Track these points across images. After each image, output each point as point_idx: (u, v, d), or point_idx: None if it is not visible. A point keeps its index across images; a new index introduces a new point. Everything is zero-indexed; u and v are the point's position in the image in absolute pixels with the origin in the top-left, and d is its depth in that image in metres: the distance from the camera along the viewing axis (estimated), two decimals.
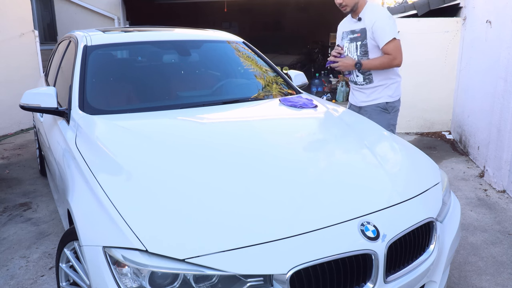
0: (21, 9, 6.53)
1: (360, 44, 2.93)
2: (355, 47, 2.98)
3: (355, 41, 2.98)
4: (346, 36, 3.06)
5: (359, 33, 2.94)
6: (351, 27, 3.01)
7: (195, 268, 1.42)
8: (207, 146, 2.09)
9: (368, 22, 2.88)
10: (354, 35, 2.98)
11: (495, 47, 4.20)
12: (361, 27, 2.92)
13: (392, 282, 1.65)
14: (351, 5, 2.89)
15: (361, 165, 2.08)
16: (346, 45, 3.06)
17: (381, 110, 3.03)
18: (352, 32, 3.00)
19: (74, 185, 1.93)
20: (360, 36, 2.94)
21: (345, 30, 3.09)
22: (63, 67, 3.31)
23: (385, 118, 3.04)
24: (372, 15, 2.87)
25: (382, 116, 3.03)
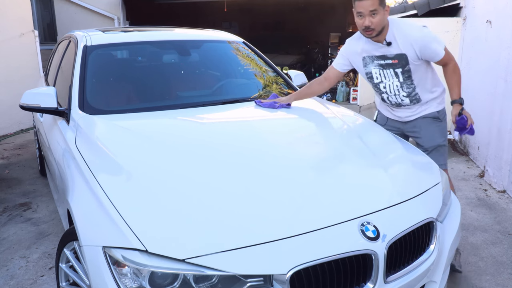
0: (21, 9, 6.53)
1: (402, 71, 2.52)
2: (393, 73, 2.55)
3: (392, 67, 2.54)
4: (371, 61, 2.60)
5: (395, 59, 2.51)
6: (378, 51, 2.54)
7: (195, 268, 1.42)
8: (207, 146, 2.09)
9: (404, 46, 2.45)
10: (387, 62, 2.54)
11: (495, 47, 4.20)
12: (396, 53, 2.49)
13: (392, 282, 1.65)
14: (379, 29, 2.42)
15: (361, 165, 2.08)
16: (376, 71, 2.60)
17: (433, 120, 2.68)
18: (382, 58, 2.55)
19: (74, 185, 1.93)
20: (398, 63, 2.51)
21: (367, 55, 2.60)
22: (63, 67, 3.31)
23: (440, 128, 2.71)
24: (407, 38, 2.44)
25: (436, 126, 2.69)
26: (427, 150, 2.66)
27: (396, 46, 2.47)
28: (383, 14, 2.39)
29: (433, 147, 2.67)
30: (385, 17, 2.42)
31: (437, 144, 2.68)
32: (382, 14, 2.38)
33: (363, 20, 2.41)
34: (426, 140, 2.70)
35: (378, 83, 2.64)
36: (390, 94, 2.65)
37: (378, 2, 2.36)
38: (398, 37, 2.46)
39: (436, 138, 2.69)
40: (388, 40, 2.48)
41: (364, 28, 2.43)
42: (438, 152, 2.66)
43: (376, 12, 2.36)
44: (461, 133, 2.54)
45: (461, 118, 2.47)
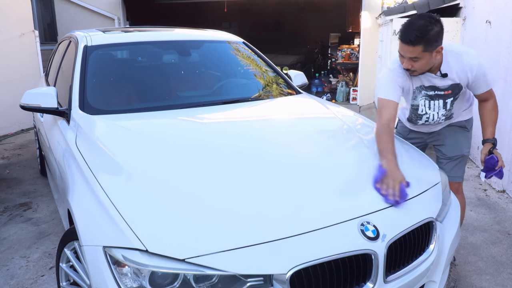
0: (21, 9, 6.54)
1: (452, 100, 2.32)
2: (442, 104, 2.34)
3: (442, 98, 2.32)
4: (419, 92, 2.34)
5: (448, 90, 2.29)
6: (429, 82, 2.29)
7: (195, 268, 1.42)
8: (207, 146, 2.09)
9: (459, 76, 2.23)
10: (439, 93, 2.30)
11: (495, 47, 4.20)
12: (451, 83, 2.26)
13: (392, 282, 1.65)
14: (422, 71, 2.20)
15: (361, 165, 2.08)
16: (422, 103, 2.36)
17: (459, 128, 2.53)
18: (432, 89, 2.30)
19: (74, 185, 1.93)
20: (451, 94, 2.30)
21: (417, 86, 2.33)
22: (63, 67, 3.31)
23: (466, 137, 2.54)
24: (463, 66, 2.21)
25: (462, 135, 2.53)
26: (450, 159, 2.51)
27: (452, 76, 2.24)
28: (429, 58, 2.12)
29: (458, 157, 2.51)
30: (432, 60, 2.14)
31: (462, 154, 2.52)
32: (427, 59, 2.11)
33: (402, 60, 2.19)
34: (451, 148, 2.51)
35: (422, 114, 2.42)
36: (431, 120, 2.44)
37: (421, 49, 2.06)
38: (453, 67, 2.22)
39: (462, 148, 2.52)
40: (443, 72, 2.22)
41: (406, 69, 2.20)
42: (460, 163, 2.51)
43: (417, 59, 2.11)
44: (488, 175, 2.33)
45: (491, 157, 2.30)
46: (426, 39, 2.04)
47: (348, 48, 9.46)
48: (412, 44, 2.05)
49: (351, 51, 9.38)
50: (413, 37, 2.04)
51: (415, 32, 2.04)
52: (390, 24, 6.17)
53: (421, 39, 2.04)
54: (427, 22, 2.05)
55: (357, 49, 9.07)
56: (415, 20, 2.09)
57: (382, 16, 7.07)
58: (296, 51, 11.93)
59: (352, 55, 9.30)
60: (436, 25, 2.05)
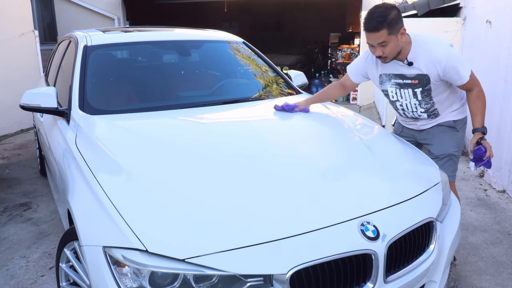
0: (21, 9, 6.54)
1: (422, 90, 2.38)
2: (412, 93, 2.41)
3: (411, 87, 2.39)
4: (388, 80, 2.45)
5: (415, 79, 2.36)
6: (396, 70, 2.39)
7: (195, 268, 1.42)
8: (207, 146, 2.09)
9: (427, 67, 2.30)
10: (406, 81, 2.39)
11: (495, 47, 4.20)
12: (417, 73, 2.33)
13: (392, 282, 1.65)
14: (393, 56, 2.29)
15: (361, 165, 2.08)
16: (392, 90, 2.47)
17: (447, 128, 2.55)
18: (400, 77, 2.39)
19: (74, 185, 1.93)
20: (418, 83, 2.36)
21: (384, 73, 2.46)
22: (63, 67, 3.31)
23: (455, 138, 2.55)
24: (431, 58, 2.28)
25: (451, 135, 2.55)
26: (438, 158, 2.53)
27: (418, 66, 2.32)
28: (396, 41, 2.22)
29: (444, 156, 2.54)
30: (399, 43, 2.24)
31: (448, 153, 2.53)
32: (394, 41, 2.22)
33: (373, 50, 2.29)
34: (438, 147, 2.57)
35: (394, 101, 2.55)
36: (407, 110, 2.55)
37: (386, 33, 2.17)
38: (421, 56, 2.30)
39: (448, 147, 2.54)
40: (409, 60, 2.32)
41: (378, 56, 2.31)
42: (448, 162, 2.53)
43: (385, 43, 2.21)
44: (477, 165, 2.34)
45: (479, 148, 2.30)
46: (387, 23, 2.17)
47: (348, 48, 9.47)
48: (377, 30, 2.17)
49: (351, 51, 9.38)
50: (375, 23, 2.17)
51: (376, 19, 2.17)
52: None
53: (383, 23, 2.16)
54: (384, 8, 2.21)
55: (357, 49, 9.07)
56: (373, 9, 2.23)
57: None
58: (296, 51, 11.93)
59: (352, 55, 9.31)
60: (393, 10, 2.20)
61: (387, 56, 2.28)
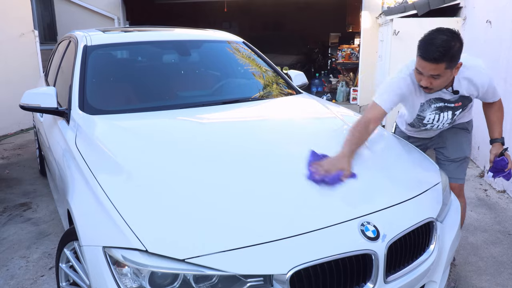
0: (21, 9, 6.53)
1: (462, 110, 2.31)
2: (451, 115, 2.31)
3: (452, 110, 2.29)
4: (429, 106, 2.27)
5: (458, 102, 2.25)
6: (440, 95, 2.23)
7: (195, 268, 1.42)
8: (207, 146, 2.09)
9: (471, 90, 2.20)
10: (449, 105, 2.26)
11: (495, 47, 4.20)
12: (460, 96, 2.22)
13: (392, 282, 1.65)
14: (440, 88, 2.13)
15: (361, 165, 2.07)
16: (431, 116, 2.31)
17: (461, 130, 2.51)
18: (442, 101, 2.25)
19: (74, 185, 1.93)
20: (461, 105, 2.28)
21: (426, 100, 2.26)
22: (63, 67, 3.31)
23: (468, 138, 2.53)
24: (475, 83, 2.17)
25: (464, 136, 2.51)
26: (453, 161, 2.49)
27: (461, 92, 2.20)
28: (449, 75, 2.03)
29: (460, 159, 2.49)
30: (450, 77, 2.07)
31: (464, 156, 2.49)
32: (448, 76, 2.03)
33: (420, 78, 2.06)
34: (453, 150, 2.48)
35: (426, 123, 2.38)
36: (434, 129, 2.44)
37: (444, 67, 1.95)
38: (464, 83, 2.17)
39: (465, 150, 2.49)
40: (455, 89, 2.16)
41: (422, 87, 2.11)
42: (463, 165, 2.50)
43: (438, 77, 2.01)
44: (496, 176, 2.32)
45: (502, 159, 2.27)
46: (449, 56, 1.93)
47: (348, 48, 9.47)
48: (436, 61, 1.93)
49: (351, 51, 9.38)
50: (437, 54, 1.92)
51: (439, 49, 1.91)
52: (390, 24, 6.17)
53: (445, 56, 1.92)
54: (449, 38, 1.93)
55: (357, 49, 9.07)
56: (436, 34, 1.96)
57: (382, 16, 7.07)
58: (296, 51, 11.93)
59: (352, 55, 9.31)
60: (458, 40, 1.95)
61: (434, 88, 2.08)
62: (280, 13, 13.27)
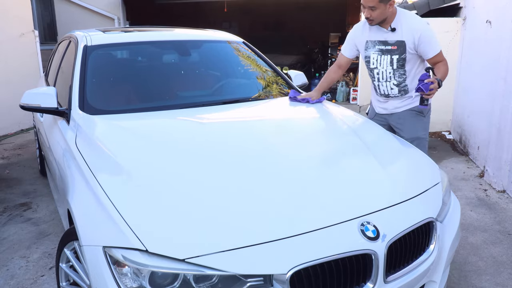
0: (21, 9, 6.53)
1: (398, 58, 2.71)
2: (389, 60, 2.75)
3: (390, 53, 2.74)
4: (373, 46, 2.80)
5: (395, 45, 2.71)
6: (381, 37, 2.75)
7: (195, 268, 1.42)
8: (207, 146, 2.09)
9: (406, 34, 2.66)
10: (387, 47, 2.73)
11: (495, 47, 4.20)
12: (397, 39, 2.69)
13: (392, 282, 1.65)
14: (378, 21, 2.66)
15: (361, 165, 2.08)
16: (374, 57, 2.80)
17: (417, 113, 2.83)
18: (383, 43, 2.75)
19: (74, 185, 1.93)
20: (396, 50, 2.71)
21: (370, 39, 2.80)
22: (63, 67, 3.31)
23: (422, 122, 2.86)
24: (410, 26, 2.65)
25: (418, 120, 2.85)
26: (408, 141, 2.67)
27: (399, 33, 2.68)
28: (383, 9, 2.60)
29: (413, 139, 2.77)
30: (386, 12, 2.62)
31: (416, 136, 2.82)
32: (382, 9, 2.60)
33: (364, 10, 2.67)
34: (407, 131, 2.83)
35: (373, 68, 2.84)
36: (382, 81, 2.83)
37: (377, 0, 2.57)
38: (403, 24, 2.66)
39: (417, 131, 2.83)
40: (393, 27, 2.68)
41: (366, 18, 2.69)
42: (418, 145, 2.70)
43: (375, 8, 2.59)
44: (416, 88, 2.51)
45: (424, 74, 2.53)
46: None
47: None
48: None
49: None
50: None
51: None
52: None
53: None
54: None
55: None
56: None
57: None
58: (296, 51, 11.92)
59: None
60: None
61: (373, 19, 2.66)
62: (280, 13, 13.26)
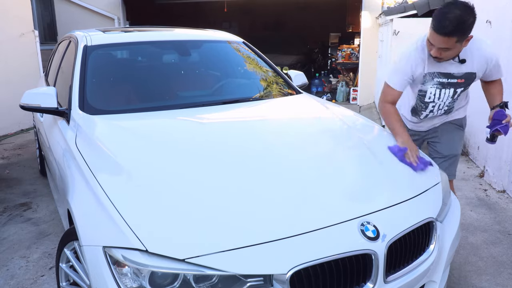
0: (21, 9, 6.53)
1: (463, 90, 2.29)
2: (452, 93, 2.29)
3: (453, 87, 2.27)
4: (431, 79, 2.28)
5: (462, 78, 2.24)
6: (445, 69, 2.24)
7: (195, 268, 1.42)
8: (207, 146, 2.09)
9: (478, 65, 2.22)
10: (451, 80, 2.25)
11: (495, 47, 4.18)
12: (466, 72, 2.23)
13: (392, 282, 1.65)
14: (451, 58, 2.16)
15: (361, 165, 2.08)
16: (432, 91, 2.31)
17: (456, 126, 2.53)
18: (446, 76, 2.25)
19: (74, 185, 1.93)
20: (463, 83, 2.26)
21: (430, 72, 2.26)
22: (63, 67, 3.31)
23: (461, 136, 2.56)
24: (483, 54, 2.21)
25: (458, 133, 2.53)
26: (445, 158, 2.53)
27: (469, 64, 2.20)
28: (459, 48, 2.10)
29: (452, 156, 2.54)
30: (459, 50, 2.12)
31: (456, 153, 2.55)
32: (458, 48, 2.09)
33: (431, 48, 2.13)
34: (447, 147, 2.52)
35: (429, 102, 2.37)
36: (434, 110, 2.43)
37: (455, 40, 2.01)
38: (473, 53, 2.19)
39: (457, 147, 2.55)
40: (461, 58, 2.17)
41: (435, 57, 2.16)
42: (455, 162, 2.54)
43: (449, 50, 2.08)
44: (493, 129, 2.26)
45: (500, 111, 2.26)
46: (461, 31, 1.98)
47: (348, 48, 9.47)
48: (447, 35, 1.99)
49: (351, 51, 9.38)
50: (449, 29, 1.97)
51: (452, 24, 1.96)
52: (390, 24, 6.17)
53: (457, 31, 1.97)
54: (464, 13, 1.97)
55: (357, 49, 9.08)
56: (450, 9, 1.99)
57: (382, 16, 7.07)
58: (296, 51, 11.93)
59: (352, 55, 9.31)
60: (472, 15, 1.99)
61: (443, 58, 2.14)
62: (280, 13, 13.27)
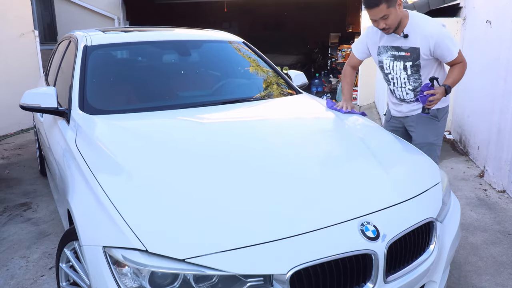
0: (21, 9, 6.53)
1: (412, 65, 2.59)
2: (403, 66, 2.62)
3: (403, 60, 2.61)
4: (385, 51, 2.67)
5: (408, 52, 2.57)
6: (394, 42, 2.61)
7: (195, 268, 1.42)
8: (207, 146, 2.09)
9: (420, 40, 2.52)
10: (400, 53, 2.60)
11: (495, 47, 4.20)
12: (410, 46, 2.55)
13: (392, 282, 1.65)
14: (394, 26, 2.49)
15: (361, 165, 2.08)
16: (387, 62, 2.68)
17: (430, 118, 2.69)
18: (396, 49, 2.62)
19: (74, 185, 1.93)
20: (409, 56, 2.57)
21: (382, 45, 2.68)
22: (63, 67, 3.31)
23: (435, 127, 2.73)
24: (424, 32, 2.50)
25: (431, 124, 2.72)
26: (418, 146, 2.65)
27: (412, 39, 2.54)
28: (395, 12, 2.44)
29: (424, 144, 2.70)
30: (398, 14, 2.47)
31: (428, 142, 2.72)
32: (394, 13, 2.44)
33: (377, 24, 2.51)
34: (419, 135, 2.75)
35: (387, 73, 2.74)
36: (397, 86, 2.73)
37: (385, 7, 2.40)
38: (416, 30, 2.52)
39: (428, 136, 2.73)
40: (405, 33, 2.54)
41: (381, 29, 2.52)
42: (429, 151, 2.64)
43: (386, 16, 2.43)
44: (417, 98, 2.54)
45: (426, 84, 2.49)
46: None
47: (348, 48, 9.48)
48: (377, 5, 2.40)
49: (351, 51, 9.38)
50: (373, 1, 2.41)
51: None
52: None
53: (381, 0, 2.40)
54: None
55: None
56: None
57: None
58: (296, 51, 11.94)
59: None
60: None
61: (390, 27, 2.49)
62: (280, 13, 13.27)
